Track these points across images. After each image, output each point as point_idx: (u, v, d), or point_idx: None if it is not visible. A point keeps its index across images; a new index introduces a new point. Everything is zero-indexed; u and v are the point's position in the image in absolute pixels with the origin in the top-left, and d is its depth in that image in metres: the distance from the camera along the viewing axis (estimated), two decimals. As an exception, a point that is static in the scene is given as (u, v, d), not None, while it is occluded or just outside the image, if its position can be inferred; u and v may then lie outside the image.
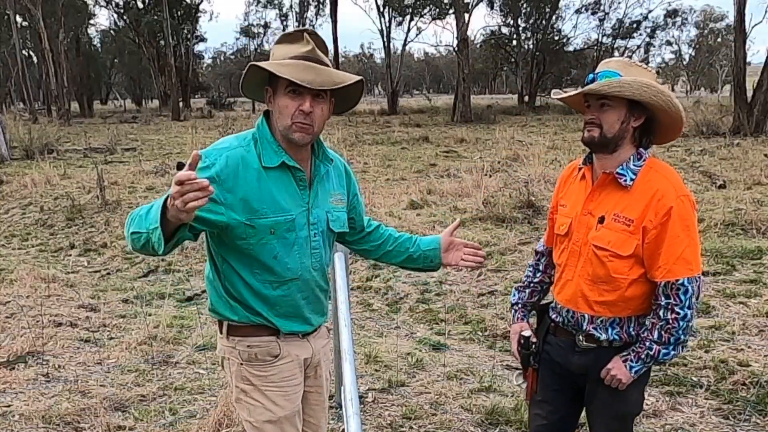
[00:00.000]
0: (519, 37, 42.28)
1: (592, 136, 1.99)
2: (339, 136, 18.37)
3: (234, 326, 1.95)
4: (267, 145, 1.86)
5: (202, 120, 30.31)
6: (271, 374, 1.96)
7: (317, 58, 1.81)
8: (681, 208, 1.93)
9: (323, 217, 1.96)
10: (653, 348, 2.00)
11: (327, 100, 1.85)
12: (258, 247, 1.85)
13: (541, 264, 2.37)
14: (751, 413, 3.40)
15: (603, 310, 2.05)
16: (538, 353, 2.24)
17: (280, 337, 1.96)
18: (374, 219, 2.32)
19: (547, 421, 2.27)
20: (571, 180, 2.21)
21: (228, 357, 1.99)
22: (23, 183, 11.17)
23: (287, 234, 1.87)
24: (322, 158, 1.97)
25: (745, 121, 17.49)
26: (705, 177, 10.23)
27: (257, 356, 1.95)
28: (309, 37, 1.84)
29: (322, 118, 1.85)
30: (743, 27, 19.44)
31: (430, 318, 5.10)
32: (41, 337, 4.50)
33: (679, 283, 1.94)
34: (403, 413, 3.51)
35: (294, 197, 1.88)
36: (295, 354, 2.01)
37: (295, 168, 1.87)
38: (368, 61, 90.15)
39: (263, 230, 1.83)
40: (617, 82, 1.92)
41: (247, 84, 1.89)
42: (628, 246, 1.97)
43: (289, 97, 1.80)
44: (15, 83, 45.71)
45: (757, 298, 5.10)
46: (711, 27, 56.04)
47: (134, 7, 41.02)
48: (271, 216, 1.83)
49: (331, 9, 34.91)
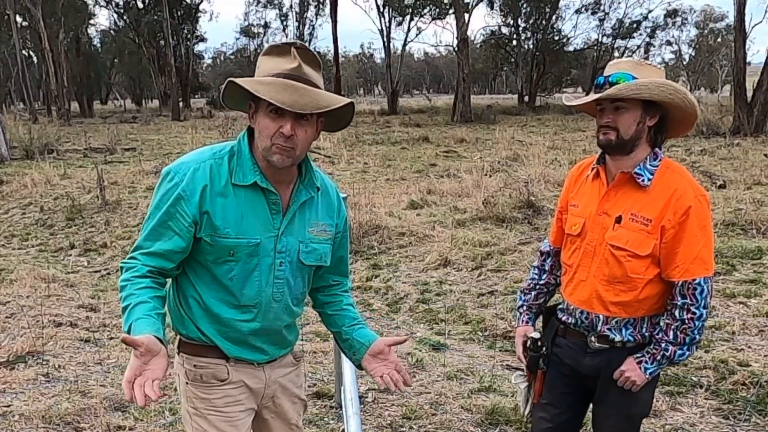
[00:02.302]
0: (519, 37, 42.28)
1: (609, 139, 1.98)
2: (339, 136, 18.36)
3: (184, 342, 1.84)
4: (243, 162, 1.73)
5: (202, 120, 30.30)
6: (215, 398, 1.82)
7: (303, 77, 1.65)
8: (699, 208, 1.94)
9: (294, 247, 1.79)
10: (669, 349, 2.00)
11: (312, 123, 1.70)
12: (214, 265, 1.74)
13: (547, 265, 2.35)
14: (751, 413, 3.40)
15: (618, 310, 2.04)
16: (547, 356, 2.23)
17: (230, 361, 1.82)
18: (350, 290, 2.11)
19: (552, 424, 2.26)
20: (582, 180, 2.19)
21: (177, 373, 1.89)
22: (23, 183, 11.18)
23: (248, 259, 1.73)
24: (306, 183, 1.80)
25: (745, 121, 17.49)
26: (705, 177, 10.23)
27: (202, 378, 1.82)
28: (296, 52, 1.67)
29: (306, 140, 1.69)
30: (743, 27, 19.44)
31: (430, 318, 5.10)
32: (41, 337, 4.49)
33: (695, 282, 1.95)
34: (403, 413, 3.51)
35: (263, 221, 1.74)
36: (246, 381, 1.85)
37: (268, 190, 1.73)
38: (368, 61, 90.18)
39: (222, 250, 1.72)
40: (634, 84, 1.91)
41: (230, 97, 1.76)
42: (646, 246, 1.97)
43: (270, 117, 1.65)
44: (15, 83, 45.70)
45: (757, 298, 5.10)
46: (711, 27, 56.02)
47: (134, 7, 41.01)
48: (232, 237, 1.70)
49: (331, 9, 34.89)
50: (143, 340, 1.48)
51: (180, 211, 1.69)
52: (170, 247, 1.69)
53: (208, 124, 25.55)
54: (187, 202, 1.69)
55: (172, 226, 1.69)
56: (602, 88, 1.98)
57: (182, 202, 1.69)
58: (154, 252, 1.69)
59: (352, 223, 7.22)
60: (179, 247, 1.70)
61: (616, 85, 1.94)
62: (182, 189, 1.69)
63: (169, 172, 1.73)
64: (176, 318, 1.84)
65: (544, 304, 2.37)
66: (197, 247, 1.74)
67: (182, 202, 1.69)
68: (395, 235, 7.48)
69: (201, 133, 20.47)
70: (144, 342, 1.48)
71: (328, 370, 3.91)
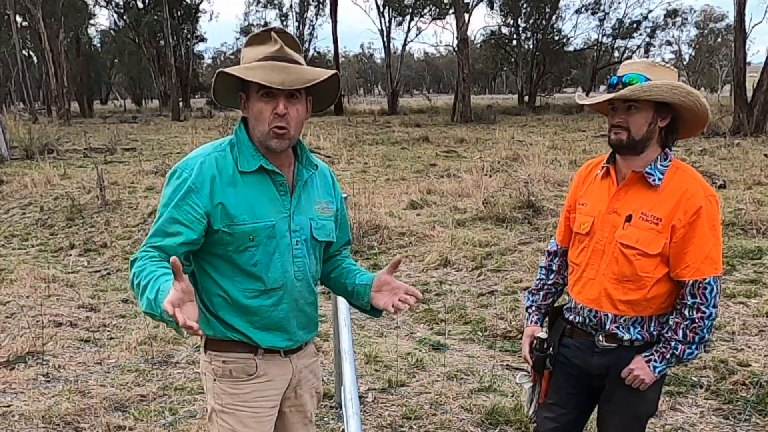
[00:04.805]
0: (519, 37, 42.30)
1: (620, 139, 2.00)
2: (339, 136, 18.39)
3: (211, 341, 1.87)
4: (244, 150, 1.78)
5: (202, 120, 30.29)
6: (245, 392, 1.86)
7: (286, 57, 1.73)
8: (709, 208, 1.96)
9: (306, 225, 1.86)
10: (678, 348, 2.01)
11: (302, 100, 1.77)
12: (237, 255, 1.77)
13: (554, 264, 2.35)
14: (751, 413, 3.40)
15: (627, 309, 2.05)
16: (553, 356, 2.23)
17: (258, 354, 1.86)
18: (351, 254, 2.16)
19: (558, 424, 2.26)
20: (590, 179, 2.20)
21: (204, 372, 1.92)
22: (23, 183, 11.17)
23: (268, 241, 1.78)
24: (305, 163, 1.87)
25: (745, 121, 17.51)
26: (705, 177, 10.18)
27: (231, 373, 1.85)
28: (276, 35, 1.75)
29: (299, 119, 1.76)
30: (743, 27, 19.45)
31: (430, 318, 5.10)
32: (41, 337, 4.49)
33: (705, 282, 1.97)
34: (403, 413, 3.51)
35: (274, 203, 1.80)
36: (273, 374, 1.89)
37: (274, 172, 1.79)
38: (368, 61, 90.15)
39: (242, 237, 1.76)
40: (647, 86, 1.93)
41: (220, 92, 1.83)
42: (657, 244, 1.98)
43: (262, 101, 1.72)
44: (15, 83, 45.68)
45: (757, 298, 5.10)
46: (711, 27, 55.99)
47: (134, 7, 41.01)
48: (249, 223, 1.75)
49: (331, 9, 34.92)
50: (183, 279, 1.50)
51: (191, 203, 1.72)
52: (180, 241, 1.71)
53: (208, 124, 25.54)
54: (197, 194, 1.73)
55: (183, 220, 1.71)
56: (615, 87, 1.99)
57: (192, 195, 1.72)
58: (163, 246, 1.71)
59: (352, 223, 7.22)
60: (190, 239, 1.72)
61: (630, 85, 1.95)
62: (192, 182, 1.73)
63: (176, 170, 1.77)
64: (202, 321, 1.84)
65: (553, 304, 2.37)
66: (215, 240, 1.76)
67: (192, 195, 1.72)
68: (395, 235, 7.48)
69: (201, 133, 20.45)
70: (185, 279, 1.51)
71: (328, 370, 3.92)
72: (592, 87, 44.00)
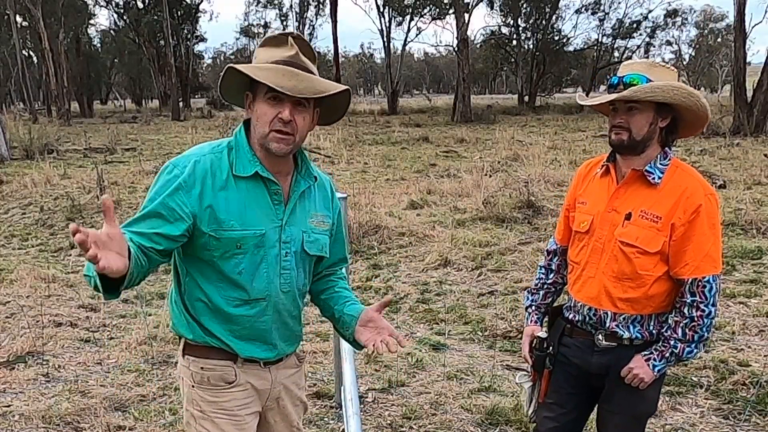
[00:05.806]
0: (519, 37, 42.32)
1: (621, 140, 2.00)
2: (339, 136, 18.39)
3: (190, 345, 1.82)
4: (242, 154, 1.74)
5: (202, 120, 30.30)
6: (223, 400, 1.82)
7: (301, 64, 1.69)
8: (709, 206, 1.97)
9: (298, 237, 1.80)
10: (678, 346, 2.01)
11: (310, 110, 1.72)
12: (222, 261, 1.72)
13: (554, 264, 2.35)
14: (751, 413, 3.40)
15: (626, 307, 2.06)
16: (553, 355, 2.24)
17: (238, 363, 1.81)
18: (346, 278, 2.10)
19: (558, 423, 2.26)
20: (590, 177, 2.21)
21: (182, 376, 1.87)
22: (23, 183, 11.16)
23: (255, 250, 1.73)
24: (304, 174, 1.82)
25: (745, 121, 17.52)
26: (705, 177, 10.22)
27: (209, 380, 1.80)
28: (293, 41, 1.71)
29: (304, 128, 1.71)
30: (743, 27, 19.46)
31: (430, 318, 5.10)
32: (41, 337, 4.50)
33: (705, 280, 1.97)
34: (403, 413, 3.51)
35: (266, 212, 1.74)
36: (253, 383, 1.85)
37: (270, 180, 1.74)
38: (368, 61, 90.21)
39: (229, 244, 1.71)
40: (649, 87, 1.93)
41: (227, 88, 1.78)
42: (656, 242, 1.98)
43: (268, 103, 1.67)
44: (15, 83, 45.71)
45: (757, 298, 5.11)
46: (711, 27, 56.02)
47: (134, 7, 41.03)
48: (237, 229, 1.70)
49: (331, 9, 34.89)
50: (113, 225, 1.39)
51: (177, 201, 1.67)
52: (158, 231, 1.64)
53: (208, 124, 25.55)
54: (186, 193, 1.68)
55: (166, 215, 1.66)
56: (616, 88, 2.00)
57: (181, 193, 1.68)
58: (138, 231, 1.63)
59: (352, 223, 7.22)
60: (168, 234, 1.65)
61: (631, 86, 1.96)
62: (182, 180, 1.68)
63: (169, 165, 1.73)
64: (180, 323, 1.83)
65: (552, 303, 2.37)
66: (202, 244, 1.72)
67: (181, 193, 1.68)
68: (395, 235, 7.48)
69: (201, 133, 20.46)
70: (116, 226, 1.39)
71: (328, 370, 3.92)
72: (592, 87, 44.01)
